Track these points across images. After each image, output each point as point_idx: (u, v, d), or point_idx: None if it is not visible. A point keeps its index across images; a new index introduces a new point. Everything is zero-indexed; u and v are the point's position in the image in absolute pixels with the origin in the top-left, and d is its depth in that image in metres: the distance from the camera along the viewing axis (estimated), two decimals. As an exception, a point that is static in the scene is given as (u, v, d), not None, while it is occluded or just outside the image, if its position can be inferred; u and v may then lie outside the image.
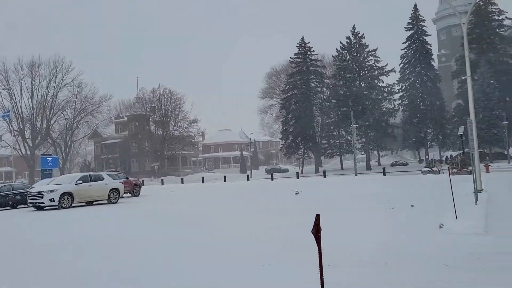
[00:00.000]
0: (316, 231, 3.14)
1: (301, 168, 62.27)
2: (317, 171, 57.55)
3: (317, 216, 3.20)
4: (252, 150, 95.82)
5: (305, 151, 59.66)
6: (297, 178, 38.73)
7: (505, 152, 49.40)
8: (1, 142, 71.05)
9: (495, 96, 48.37)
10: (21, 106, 67.49)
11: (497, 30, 54.48)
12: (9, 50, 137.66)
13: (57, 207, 20.09)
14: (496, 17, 54.54)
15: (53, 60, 68.50)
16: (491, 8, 54.45)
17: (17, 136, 68.90)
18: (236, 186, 34.31)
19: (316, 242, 3.15)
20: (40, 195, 20.14)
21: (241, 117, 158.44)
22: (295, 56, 59.04)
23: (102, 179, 22.59)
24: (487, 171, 30.08)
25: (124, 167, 71.73)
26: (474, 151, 13.27)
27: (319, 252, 3.14)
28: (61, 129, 71.18)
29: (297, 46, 58.65)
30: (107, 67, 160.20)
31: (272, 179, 39.49)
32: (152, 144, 67.53)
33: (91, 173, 24.19)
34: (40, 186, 23.74)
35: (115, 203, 22.52)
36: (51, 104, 68.80)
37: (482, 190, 14.22)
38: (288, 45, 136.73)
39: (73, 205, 20.87)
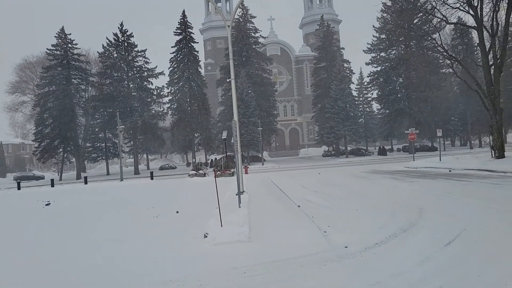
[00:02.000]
0: None
1: (59, 174, 54.99)
2: (79, 177, 51.88)
3: None
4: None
5: (65, 155, 52.98)
6: (52, 185, 33.31)
7: (259, 155, 55.41)
8: None
9: (251, 105, 53.62)
10: None
11: (254, 46, 60.89)
12: None
13: None
14: (253, 34, 60.90)
15: None
16: (249, 26, 60.51)
17: None
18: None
19: None
20: None
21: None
22: (53, 48, 51.84)
23: None
24: (246, 172, 32.31)
25: None
26: (238, 153, 12.94)
27: None
28: None
29: (55, 37, 51.59)
30: None
31: (19, 188, 32.79)
32: None
33: None
34: None
35: None
36: None
37: (243, 191, 14.14)
38: (48, 35, 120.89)
39: None
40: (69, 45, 52.56)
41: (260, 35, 61.82)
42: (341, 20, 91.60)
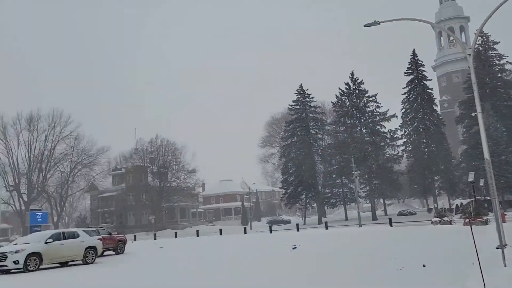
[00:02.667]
0: None
1: (303, 218, 59.44)
2: (320, 222, 54.72)
3: None
4: (253, 200, 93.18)
5: (307, 200, 57.14)
6: (297, 230, 36.14)
7: (518, 199, 46.76)
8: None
9: (503, 141, 46.52)
10: (17, 160, 66.27)
11: (499, 75, 53.58)
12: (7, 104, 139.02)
13: (22, 270, 17.76)
14: (497, 62, 53.86)
15: (51, 114, 68.14)
16: (491, 53, 53.91)
17: (12, 192, 67.05)
18: (231, 241, 31.80)
19: None
20: (3, 256, 17.85)
21: (242, 167, 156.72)
22: (294, 103, 58.14)
23: (77, 236, 20.36)
24: (504, 220, 27.51)
25: (120, 221, 69.13)
26: (494, 197, 11.18)
27: None
28: (56, 183, 69.35)
29: (295, 93, 57.95)
30: (106, 119, 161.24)
31: (270, 232, 36.90)
32: (149, 196, 65.30)
33: (65, 230, 21.94)
34: (7, 246, 21.48)
35: (91, 263, 20.18)
36: (48, 158, 67.56)
37: (506, 245, 11.95)
38: (289, 94, 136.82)
39: (42, 267, 18.56)
40: (307, 99, 57.87)
41: (507, 61, 54.08)
42: None
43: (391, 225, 32.15)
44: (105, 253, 25.90)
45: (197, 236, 39.16)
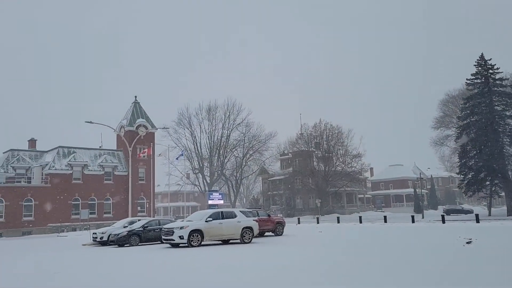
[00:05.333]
0: None
1: (488, 209, 51.46)
2: (510, 213, 46.53)
3: None
4: (428, 187, 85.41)
5: (493, 188, 49.10)
6: (477, 221, 31.17)
7: None
8: (187, 179, 79.75)
9: None
10: (200, 147, 74.80)
11: None
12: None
13: (186, 245, 19.55)
14: None
15: (226, 103, 74.62)
16: None
17: (197, 174, 76.20)
18: (393, 230, 29.37)
19: None
20: (170, 231, 19.94)
21: (414, 151, 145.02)
22: (473, 77, 50.14)
23: (235, 216, 21.44)
24: None
25: (289, 204, 71.82)
26: None
27: None
28: (232, 167, 75.95)
29: (475, 65, 49.78)
30: (270, 106, 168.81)
31: (443, 222, 32.79)
32: (314, 181, 65.96)
33: (223, 209, 23.28)
34: (175, 222, 24.02)
35: (248, 242, 21.01)
36: (225, 144, 74.43)
37: None
38: (464, 69, 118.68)
39: (204, 243, 20.12)
40: (490, 71, 49.46)
41: None
42: None
43: None
44: (265, 234, 26.91)
45: (360, 222, 37.55)
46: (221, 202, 50.50)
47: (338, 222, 40.24)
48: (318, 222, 41.46)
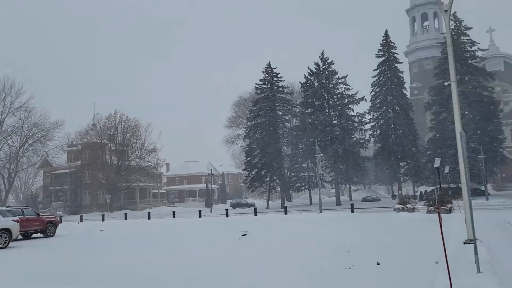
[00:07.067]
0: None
1: (267, 202, 57.48)
2: (283, 206, 52.92)
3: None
4: (220, 183, 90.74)
5: (271, 184, 55.05)
6: (255, 214, 33.97)
7: (482, 188, 46.02)
8: None
9: (470, 129, 45.55)
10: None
11: (470, 62, 52.49)
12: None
13: None
14: (468, 48, 52.69)
15: (1, 83, 62.85)
16: (463, 39, 52.63)
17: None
18: (181, 224, 29.36)
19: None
20: None
21: (211, 149, 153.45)
22: (261, 82, 55.34)
23: (-13, 216, 17.41)
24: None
25: (74, 200, 65.38)
26: (465, 180, 9.06)
27: None
28: (6, 158, 64.55)
29: (263, 72, 55.07)
30: (63, 92, 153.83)
31: (227, 216, 34.60)
32: (106, 175, 61.70)
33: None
34: None
35: (4, 247, 17.30)
36: (-5, 130, 62.47)
37: (475, 239, 9.89)
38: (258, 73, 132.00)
39: None
40: (275, 79, 55.22)
41: (478, 47, 53.00)
42: None
43: (352, 211, 30.47)
44: (34, 235, 23.11)
45: (149, 218, 36.45)
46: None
47: (126, 219, 38.21)
48: (103, 220, 38.50)
